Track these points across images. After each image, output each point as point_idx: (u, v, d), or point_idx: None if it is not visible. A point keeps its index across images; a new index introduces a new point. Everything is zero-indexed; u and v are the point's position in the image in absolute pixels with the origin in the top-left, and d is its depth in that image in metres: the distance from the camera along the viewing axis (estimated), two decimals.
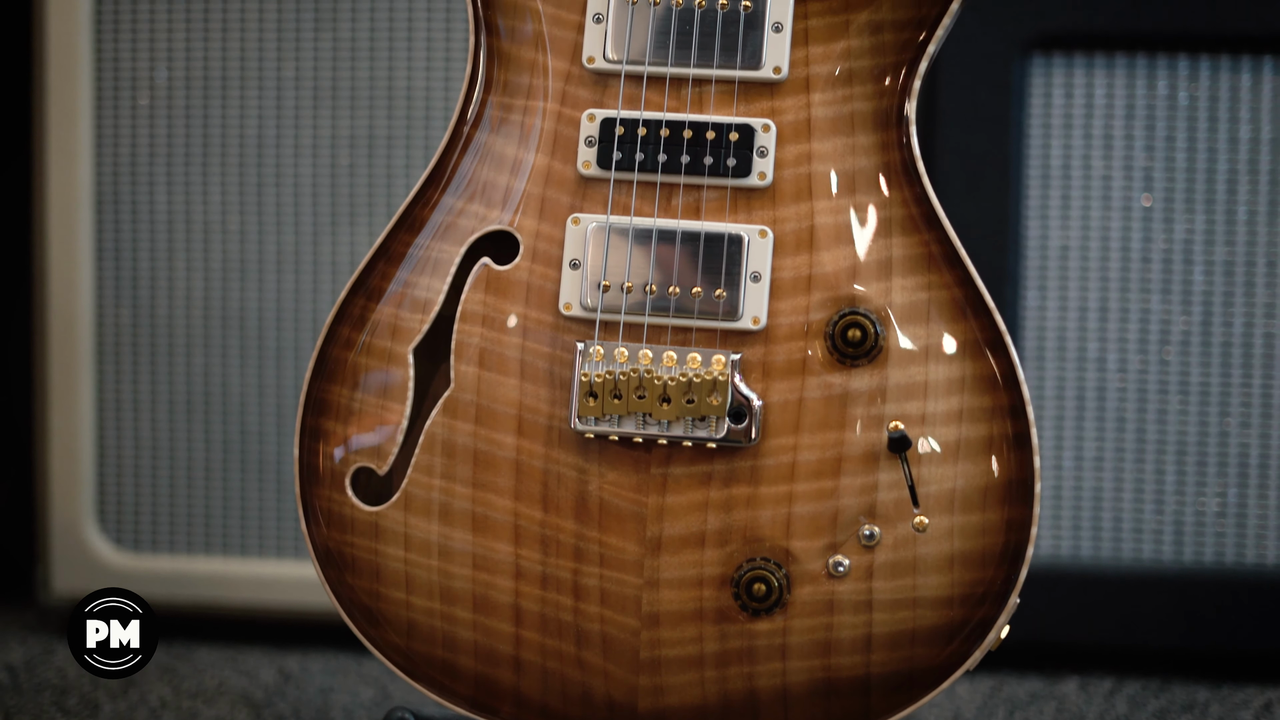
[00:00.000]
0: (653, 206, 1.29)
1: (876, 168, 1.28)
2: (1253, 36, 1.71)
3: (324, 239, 1.81)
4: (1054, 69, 1.74)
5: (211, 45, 1.82)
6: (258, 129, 1.82)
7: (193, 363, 1.83)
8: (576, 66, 1.30)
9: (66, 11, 1.81)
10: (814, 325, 1.27)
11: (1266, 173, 1.72)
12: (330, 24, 1.80)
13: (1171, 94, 1.73)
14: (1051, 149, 1.74)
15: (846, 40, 1.28)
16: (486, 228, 1.31)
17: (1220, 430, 1.73)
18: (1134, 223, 1.74)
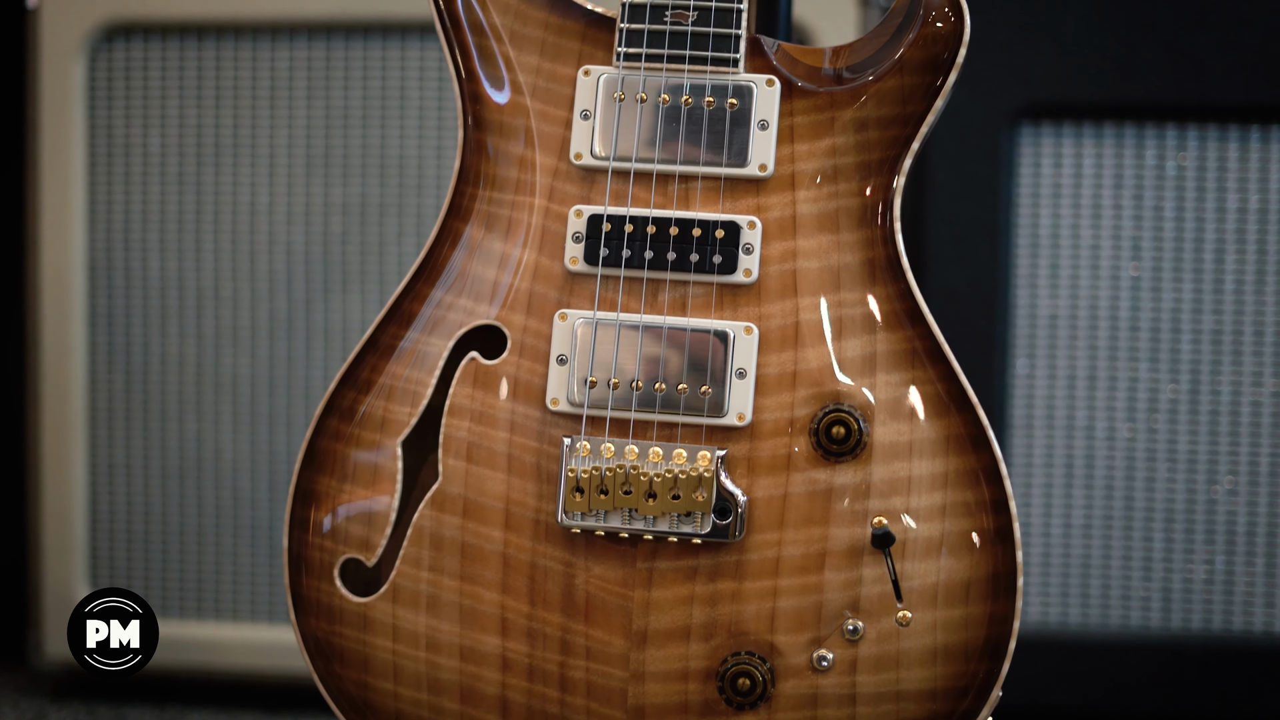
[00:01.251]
0: (639, 302, 1.29)
1: (861, 264, 1.29)
2: (1241, 107, 1.72)
3: (316, 306, 1.82)
4: (1043, 138, 1.75)
5: (204, 113, 1.83)
6: (250, 196, 1.83)
7: (185, 428, 1.84)
8: (564, 162, 1.31)
9: (60, 79, 1.82)
10: (799, 421, 1.28)
11: (1254, 242, 1.73)
12: (323, 92, 1.81)
13: (1160, 164, 1.74)
14: (1040, 217, 1.75)
15: (832, 138, 1.29)
16: (474, 322, 1.31)
17: (1208, 498, 1.74)
18: (1122, 291, 1.75)
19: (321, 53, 1.81)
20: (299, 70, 1.82)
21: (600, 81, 1.30)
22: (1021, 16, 1.73)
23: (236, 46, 1.82)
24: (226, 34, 1.82)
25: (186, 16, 1.81)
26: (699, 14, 1.29)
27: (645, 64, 1.30)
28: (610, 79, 1.30)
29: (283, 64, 1.82)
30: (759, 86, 1.29)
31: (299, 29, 1.81)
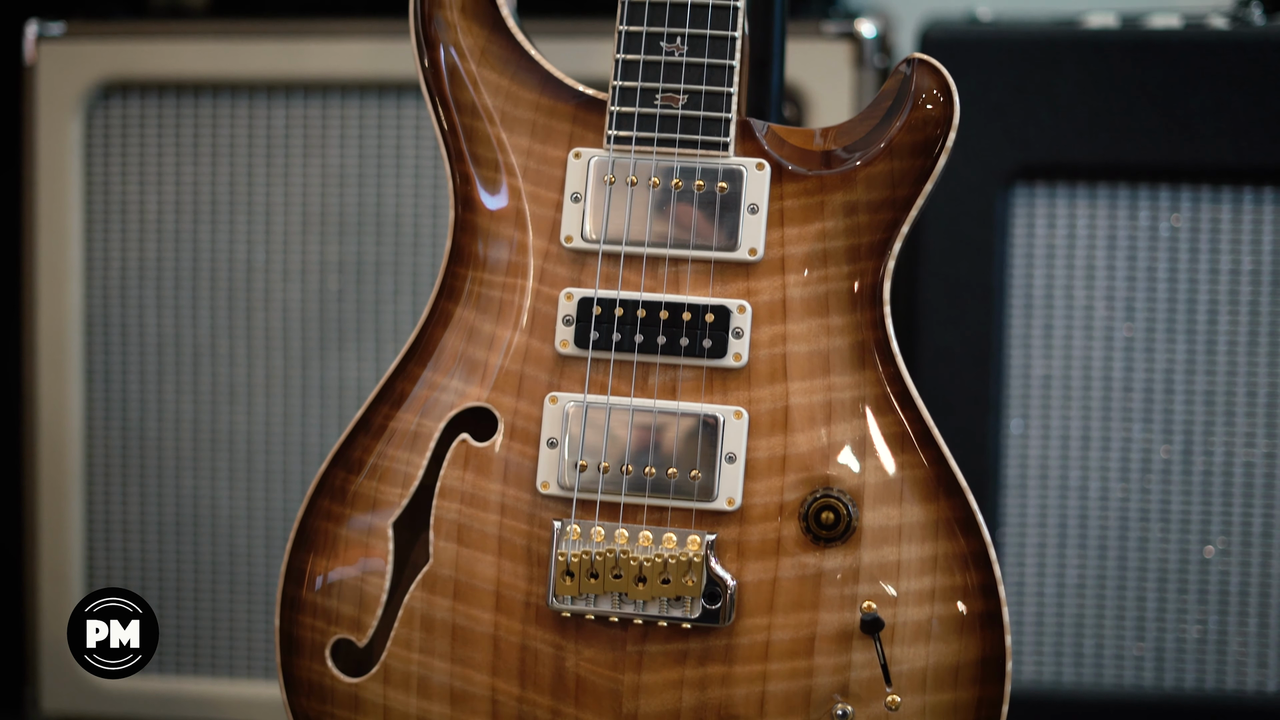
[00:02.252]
0: (629, 386, 1.30)
1: (851, 347, 1.29)
2: (1233, 169, 1.72)
3: (313, 363, 1.83)
4: (1036, 199, 1.75)
5: (201, 170, 1.83)
6: (246, 253, 1.83)
7: (181, 484, 1.85)
8: (555, 244, 1.32)
9: (57, 136, 1.83)
10: (788, 506, 1.28)
11: (1246, 303, 1.73)
12: (319, 150, 1.82)
13: (1153, 224, 1.74)
14: (1034, 278, 1.76)
15: (822, 222, 1.29)
16: (465, 404, 1.32)
17: (1201, 558, 1.75)
18: (1115, 352, 1.75)
19: (318, 111, 1.82)
20: (295, 128, 1.82)
21: (591, 164, 1.31)
22: (1015, 78, 1.73)
23: (233, 104, 1.83)
24: (223, 92, 1.82)
25: (183, 74, 1.82)
26: (689, 97, 1.29)
27: (636, 147, 1.30)
28: (601, 162, 1.31)
29: (279, 122, 1.82)
30: (749, 170, 1.29)
31: (295, 87, 1.82)
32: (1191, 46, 1.71)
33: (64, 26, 1.83)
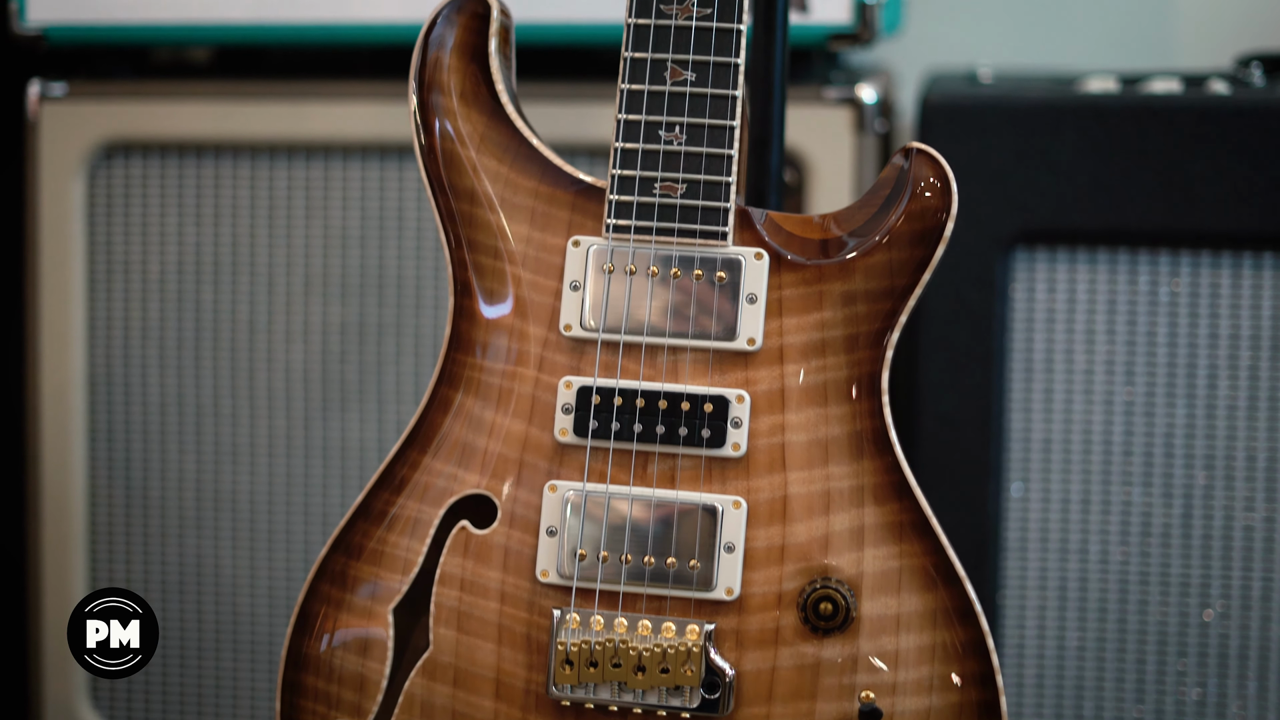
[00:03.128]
0: (629, 475, 1.30)
1: (849, 436, 1.30)
2: (1233, 234, 1.72)
3: (315, 424, 1.83)
4: (1037, 263, 1.76)
5: (203, 230, 1.84)
6: (249, 314, 1.84)
7: (185, 544, 1.85)
8: (554, 333, 1.32)
9: (59, 196, 1.83)
10: (787, 595, 1.29)
11: (1246, 368, 1.74)
12: (321, 211, 1.82)
13: (1153, 289, 1.75)
14: (1034, 342, 1.76)
15: (820, 312, 1.30)
16: (465, 491, 1.33)
17: (1200, 621, 1.75)
18: (1115, 416, 1.75)
19: (320, 172, 1.82)
20: (297, 189, 1.83)
21: (590, 252, 1.31)
22: (1015, 143, 1.73)
23: (235, 165, 1.83)
24: (225, 152, 1.83)
25: (186, 135, 1.82)
26: (688, 187, 1.30)
27: (635, 236, 1.31)
28: (600, 250, 1.31)
29: (281, 183, 1.83)
30: (747, 260, 1.30)
31: (297, 149, 1.82)
32: (1192, 113, 1.71)
33: (66, 86, 1.84)
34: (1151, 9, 2.23)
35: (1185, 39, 2.23)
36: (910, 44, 2.17)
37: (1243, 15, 2.21)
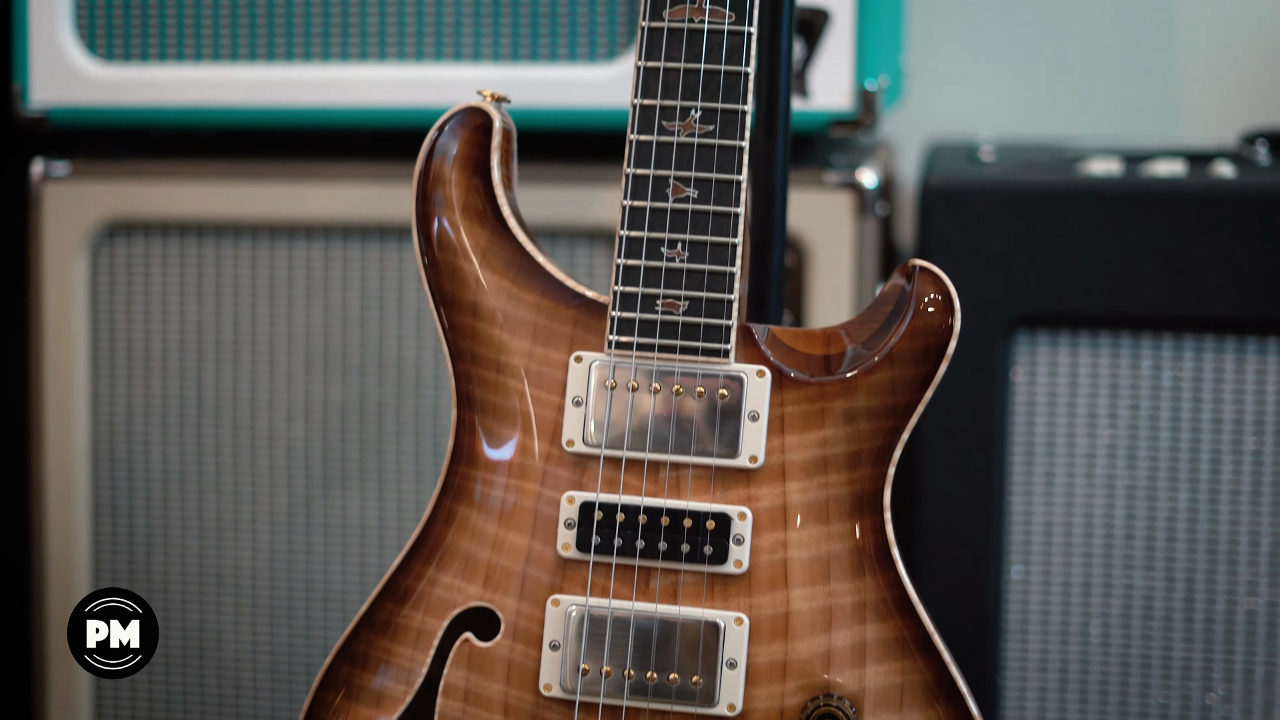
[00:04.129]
0: (631, 590, 1.30)
1: (851, 553, 1.30)
2: (1237, 319, 1.72)
3: (316, 501, 1.84)
4: (1038, 346, 1.76)
5: (205, 309, 1.84)
6: (250, 392, 1.84)
7: (187, 618, 1.86)
8: (556, 447, 1.32)
9: (62, 274, 1.83)
10: (789, 711, 1.29)
11: (1249, 453, 1.74)
12: (321, 291, 1.82)
13: (1156, 373, 1.75)
14: (1036, 426, 1.76)
15: (822, 429, 1.30)
16: (468, 603, 1.33)
17: (1202, 705, 1.75)
18: (1117, 499, 1.75)
19: (320, 252, 1.82)
20: (298, 269, 1.83)
21: (592, 368, 1.31)
22: (1017, 227, 1.73)
23: (236, 245, 1.83)
24: (227, 232, 1.83)
25: (187, 215, 1.83)
26: (689, 304, 1.30)
27: (637, 353, 1.31)
28: (602, 366, 1.31)
29: (282, 263, 1.83)
30: (750, 377, 1.30)
31: (298, 229, 1.82)
32: (1195, 197, 1.71)
33: (69, 166, 1.84)
34: (1154, 78, 2.23)
35: (1189, 108, 2.23)
36: (911, 113, 2.17)
37: (1246, 84, 2.21)
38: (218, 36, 1.81)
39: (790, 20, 1.44)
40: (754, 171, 1.47)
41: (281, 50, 1.80)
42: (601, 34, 1.76)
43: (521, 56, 1.77)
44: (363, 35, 1.79)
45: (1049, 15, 2.23)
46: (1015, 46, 2.24)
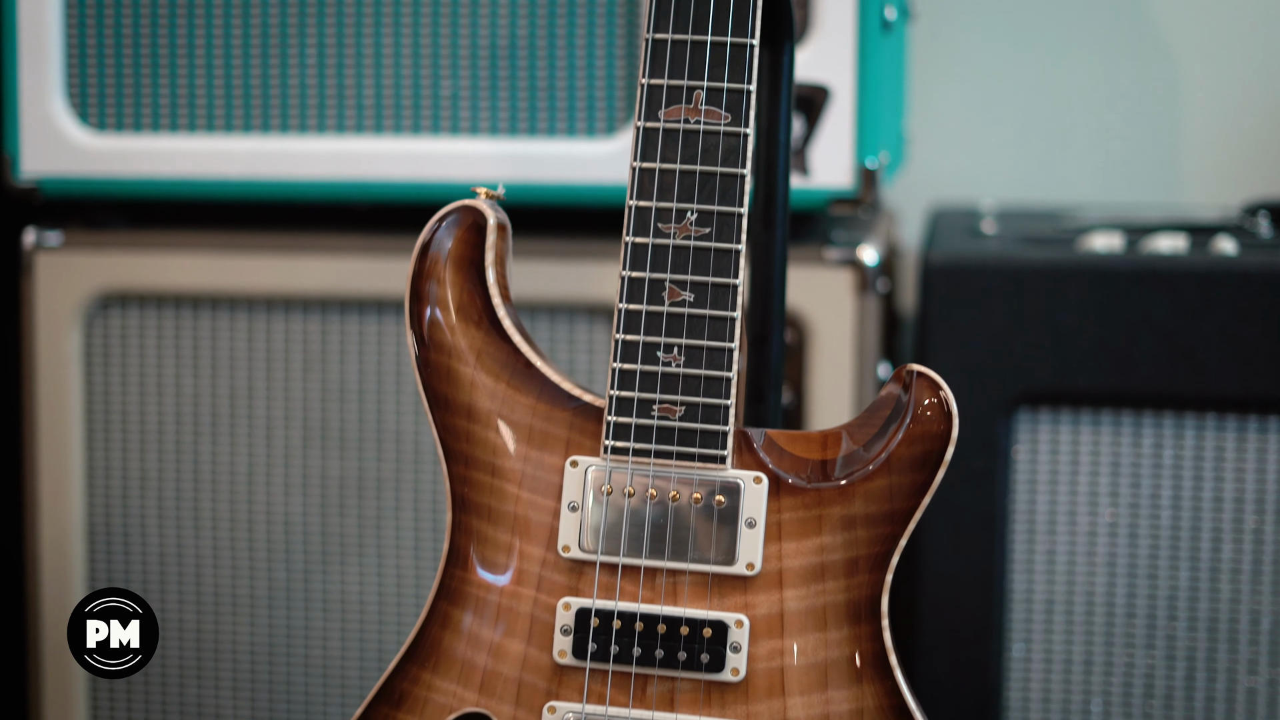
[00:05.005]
0: (627, 697, 1.29)
1: (849, 661, 1.29)
2: (1237, 398, 1.71)
3: (315, 576, 1.83)
4: (1040, 424, 1.75)
5: (201, 381, 1.83)
6: (248, 465, 1.83)
7: (185, 693, 1.85)
8: (552, 553, 1.31)
9: (56, 346, 1.82)
10: None
11: (1250, 532, 1.73)
12: (319, 364, 1.81)
13: (1157, 451, 1.74)
14: (1037, 503, 1.75)
15: (820, 536, 1.29)
16: (464, 709, 1.32)
17: None
18: (1118, 577, 1.74)
19: (317, 325, 1.81)
20: (295, 342, 1.82)
21: (588, 474, 1.30)
22: (1018, 304, 1.72)
23: (233, 317, 1.82)
24: (223, 304, 1.82)
25: (183, 287, 1.82)
26: (686, 409, 1.29)
27: (633, 458, 1.29)
28: (598, 471, 1.30)
29: (279, 336, 1.82)
30: (746, 484, 1.29)
31: (295, 302, 1.81)
32: (1197, 276, 1.70)
33: (61, 236, 1.83)
34: (1157, 142, 2.22)
35: (1191, 173, 2.22)
36: (914, 175, 2.16)
37: (1248, 150, 2.20)
38: (212, 107, 1.80)
39: (788, 114, 1.43)
40: (752, 263, 1.46)
41: (277, 122, 1.79)
42: (600, 109, 1.75)
43: (520, 131, 1.75)
44: (359, 107, 1.78)
45: (1052, 78, 2.22)
46: (1019, 108, 2.23)
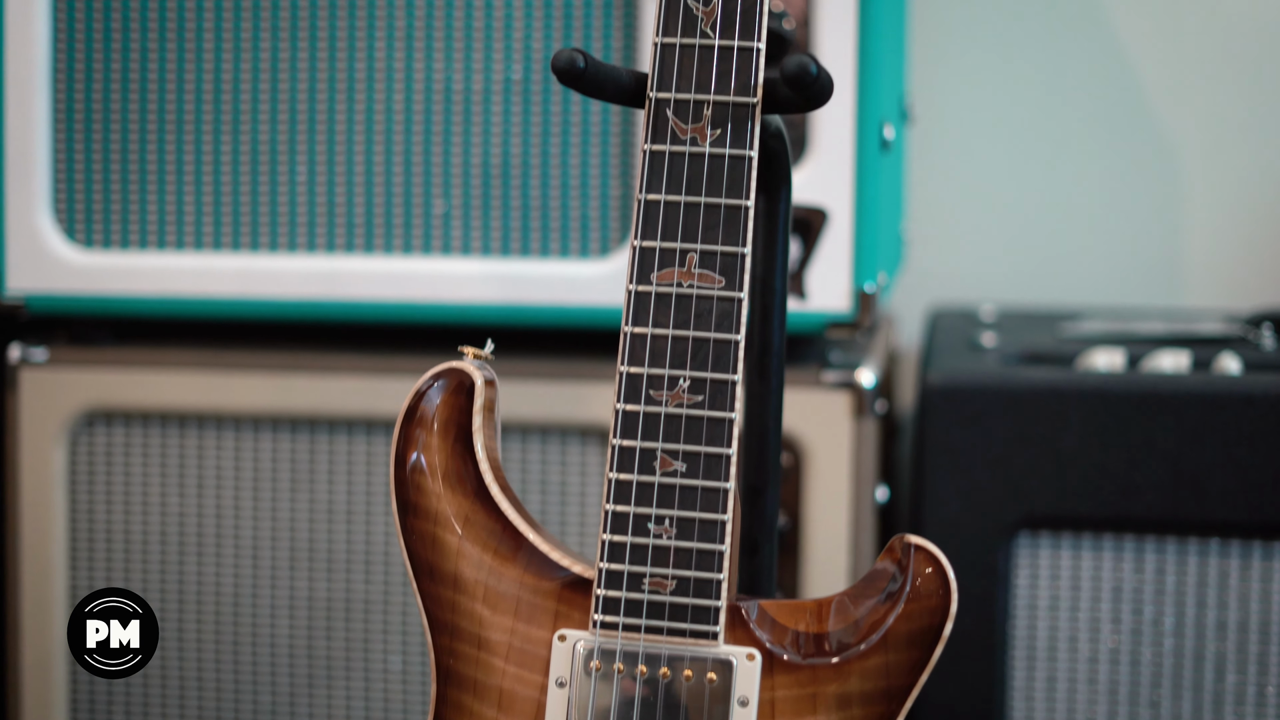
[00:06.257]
0: None
1: None
2: (1241, 523, 1.68)
3: (301, 699, 1.80)
4: (1040, 549, 1.72)
5: (187, 501, 1.80)
6: (234, 586, 1.80)
7: None
8: None
9: (40, 463, 1.80)
10: None
11: (1255, 658, 1.70)
12: (307, 484, 1.78)
13: (1159, 576, 1.71)
14: (1037, 629, 1.72)
15: (814, 715, 1.26)
16: None
17: None
18: (1120, 705, 1.72)
19: (306, 444, 1.78)
20: (283, 461, 1.79)
21: (576, 648, 1.27)
22: (1018, 427, 1.69)
23: (219, 435, 1.79)
24: (209, 423, 1.79)
25: (169, 405, 1.79)
26: (677, 583, 1.26)
27: (622, 633, 1.26)
28: (586, 646, 1.27)
29: (267, 454, 1.79)
30: (739, 661, 1.26)
31: (283, 420, 1.78)
32: (1200, 400, 1.67)
33: (47, 352, 1.80)
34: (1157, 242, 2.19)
35: (1192, 272, 2.19)
36: (913, 276, 2.13)
37: (1251, 250, 2.17)
38: (200, 225, 1.77)
39: (783, 265, 1.40)
40: (747, 414, 1.43)
41: (266, 240, 1.76)
42: (594, 229, 1.72)
43: (512, 251, 1.72)
44: (349, 226, 1.75)
45: (1053, 178, 2.19)
46: (1019, 206, 2.20)
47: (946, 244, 2.19)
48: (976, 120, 2.19)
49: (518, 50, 1.71)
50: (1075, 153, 2.18)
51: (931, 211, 2.18)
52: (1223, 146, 2.16)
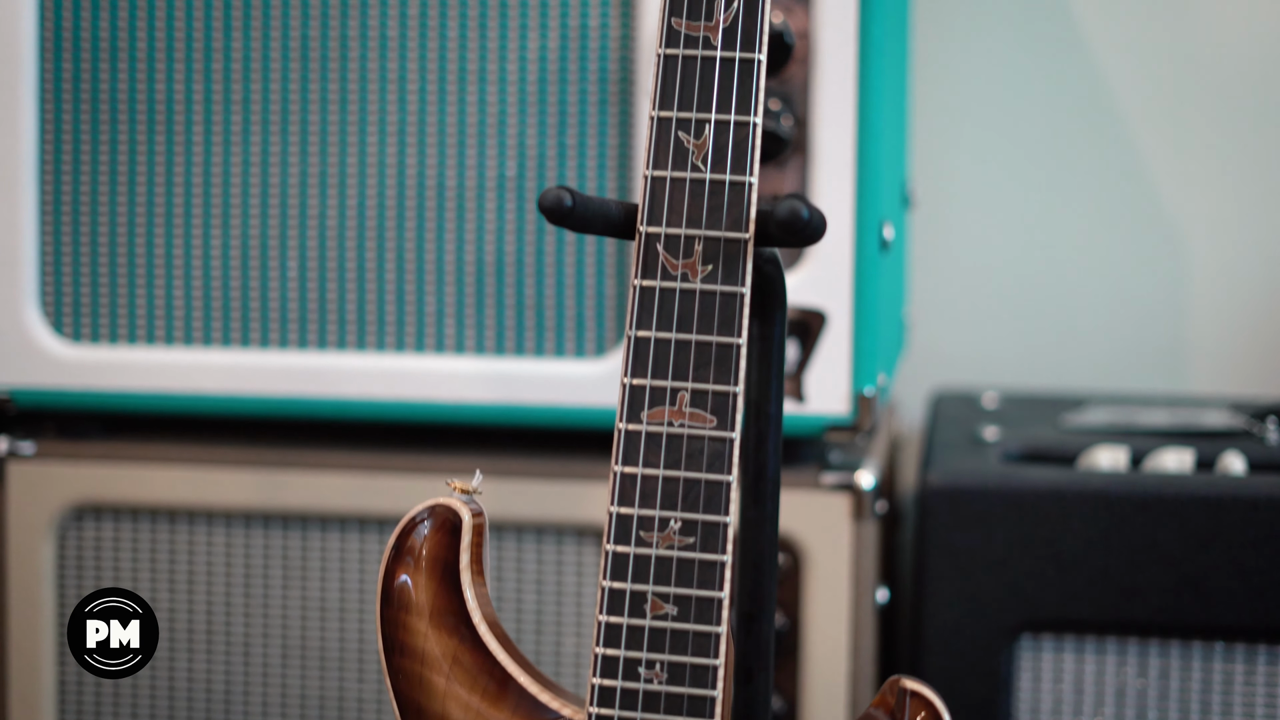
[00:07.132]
0: None
1: None
2: (1246, 627, 1.66)
3: None
4: (1043, 652, 1.69)
5: (177, 596, 1.78)
6: (225, 684, 1.78)
7: None
8: None
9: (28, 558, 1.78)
10: None
11: None
12: (299, 581, 1.76)
13: (1163, 679, 1.68)
14: None
15: None
16: None
17: None
18: None
19: (298, 541, 1.76)
20: (275, 558, 1.76)
21: None
22: (1020, 530, 1.67)
23: (210, 531, 1.77)
24: (199, 518, 1.77)
25: (159, 500, 1.76)
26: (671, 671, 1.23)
27: None
28: None
29: (258, 551, 1.76)
30: None
31: (274, 517, 1.76)
32: (1205, 503, 1.65)
33: (34, 446, 1.78)
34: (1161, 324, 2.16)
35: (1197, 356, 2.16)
36: (915, 357, 2.11)
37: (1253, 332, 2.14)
38: (189, 320, 1.74)
39: (779, 391, 1.37)
40: (742, 538, 1.40)
41: (256, 337, 1.74)
42: (590, 330, 1.69)
43: (506, 350, 1.70)
44: (340, 324, 1.72)
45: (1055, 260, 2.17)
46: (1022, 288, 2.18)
47: (950, 325, 2.17)
48: (980, 201, 2.16)
49: (511, 147, 1.68)
50: (1080, 234, 2.16)
51: (934, 292, 2.15)
52: (1229, 231, 2.13)
